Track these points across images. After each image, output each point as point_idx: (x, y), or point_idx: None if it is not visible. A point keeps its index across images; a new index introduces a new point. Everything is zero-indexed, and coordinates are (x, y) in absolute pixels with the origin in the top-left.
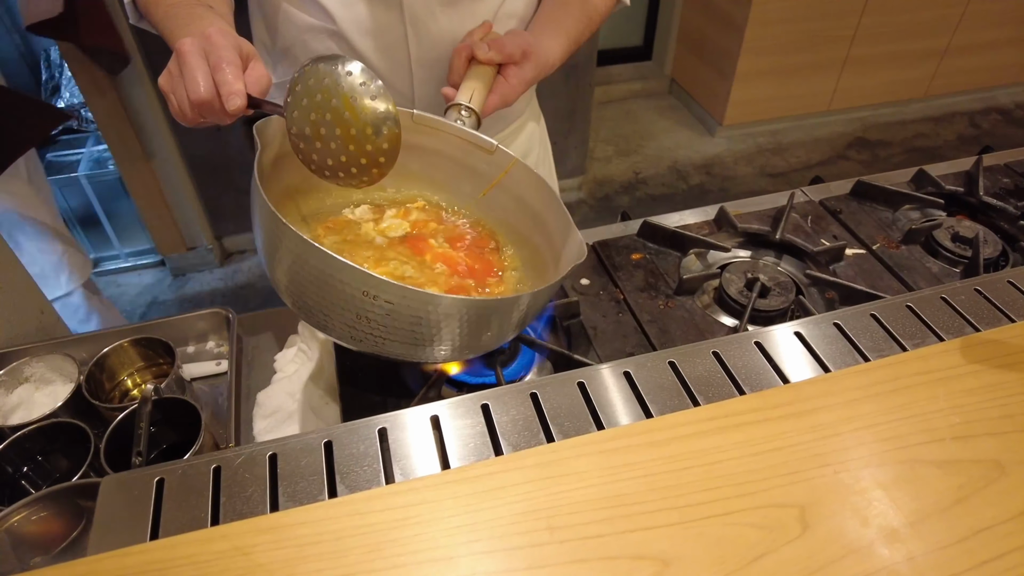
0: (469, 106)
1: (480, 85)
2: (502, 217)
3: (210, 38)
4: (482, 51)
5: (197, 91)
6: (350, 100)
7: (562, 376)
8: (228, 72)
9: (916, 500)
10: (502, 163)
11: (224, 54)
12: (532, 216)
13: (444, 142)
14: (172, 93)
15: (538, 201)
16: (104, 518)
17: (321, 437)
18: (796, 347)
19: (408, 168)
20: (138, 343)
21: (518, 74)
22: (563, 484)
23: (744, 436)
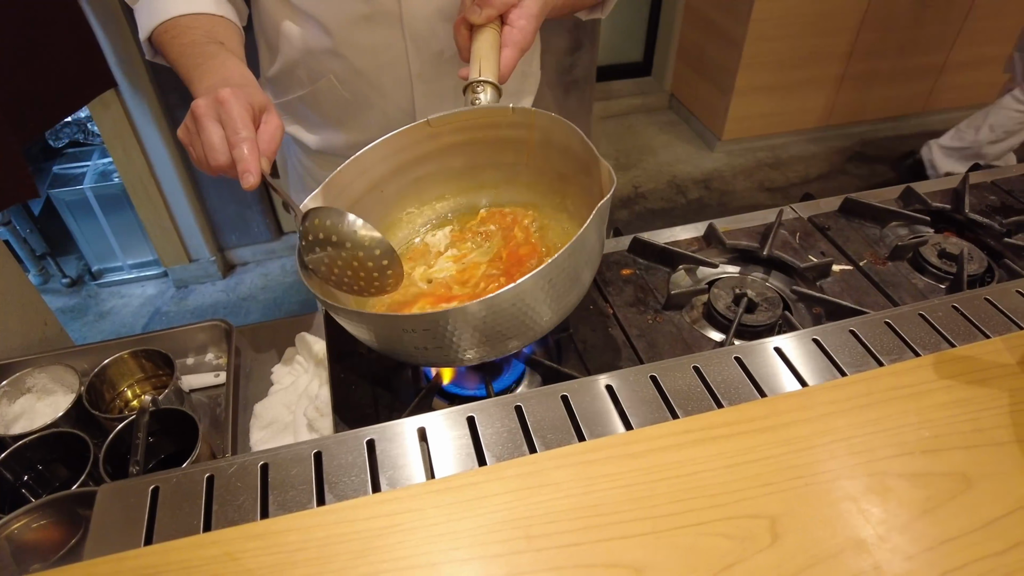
0: (482, 80)
1: (487, 50)
2: (551, 168)
3: (224, 103)
4: (475, 14)
5: (217, 160)
6: (349, 243)
7: (546, 389)
8: (244, 148)
9: (884, 512)
10: (526, 120)
11: (239, 128)
12: (572, 156)
13: (467, 129)
14: (191, 147)
15: (567, 139)
16: (100, 525)
17: (311, 448)
18: (775, 362)
19: (452, 166)
20: (138, 355)
21: (523, 14)
22: (542, 494)
23: (719, 449)
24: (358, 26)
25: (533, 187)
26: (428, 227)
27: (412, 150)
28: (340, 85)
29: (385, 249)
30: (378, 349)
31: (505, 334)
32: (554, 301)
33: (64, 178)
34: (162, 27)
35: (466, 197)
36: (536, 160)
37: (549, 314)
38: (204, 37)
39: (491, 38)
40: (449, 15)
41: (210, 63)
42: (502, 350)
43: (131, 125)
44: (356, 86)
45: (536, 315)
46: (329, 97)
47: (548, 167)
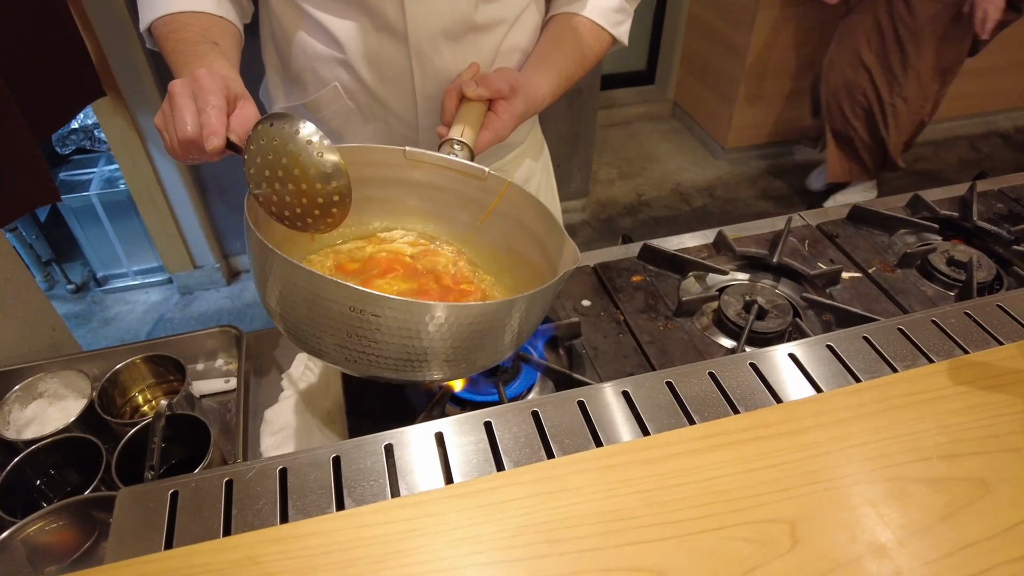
0: (461, 140)
1: (472, 120)
2: (502, 241)
3: (199, 80)
4: (471, 88)
5: (184, 131)
6: (296, 157)
7: (563, 395)
8: (212, 115)
9: (903, 516)
10: (496, 188)
11: (210, 97)
12: (531, 235)
13: (438, 175)
14: (164, 131)
15: (534, 219)
16: (120, 528)
17: (329, 452)
18: (790, 368)
19: (405, 204)
20: (149, 360)
21: (508, 109)
22: (562, 499)
23: (737, 454)
24: (366, 39)
25: (476, 251)
26: (339, 242)
27: (378, 169)
28: (345, 95)
29: (338, 171)
30: (283, 324)
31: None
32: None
33: (70, 184)
34: (161, 20)
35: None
36: (488, 228)
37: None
38: (199, 35)
39: (479, 111)
40: (454, 35)
41: (198, 61)
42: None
43: (137, 132)
44: (360, 97)
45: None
46: (333, 106)
47: (501, 238)
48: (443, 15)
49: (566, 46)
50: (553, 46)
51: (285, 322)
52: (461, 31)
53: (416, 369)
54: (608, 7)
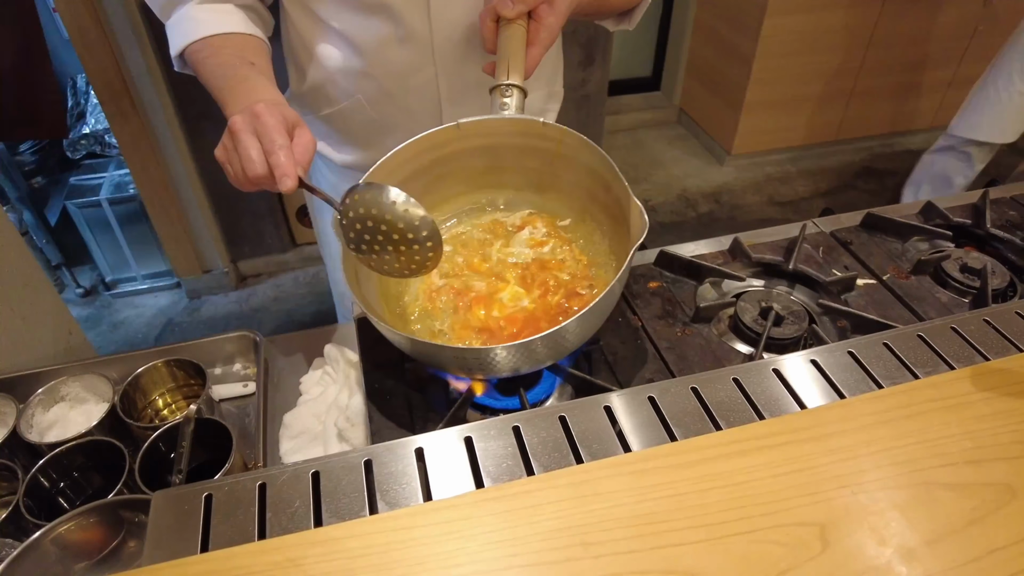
0: (509, 83)
1: (515, 48)
2: (575, 181)
3: (260, 117)
4: (506, 7)
5: (253, 169)
6: (387, 217)
7: (588, 400)
8: (280, 155)
9: (931, 521)
10: (553, 135)
11: (275, 136)
12: (601, 180)
13: (497, 134)
14: (228, 164)
15: (597, 164)
16: (157, 531)
17: (361, 456)
18: (812, 374)
19: (475, 167)
20: (170, 364)
21: (551, 11)
22: (595, 503)
23: (766, 458)
24: (390, 49)
25: (557, 194)
26: (452, 223)
27: (438, 150)
28: (369, 106)
29: (426, 223)
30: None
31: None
32: (585, 333)
33: (80, 189)
34: (194, 46)
35: (484, 195)
36: (560, 171)
37: (578, 341)
38: (235, 58)
39: (518, 35)
40: (479, 42)
41: (242, 86)
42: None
43: (148, 137)
44: (384, 107)
45: (566, 343)
46: (357, 117)
47: (578, 181)
48: (469, 21)
49: None
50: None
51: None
52: None
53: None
54: None
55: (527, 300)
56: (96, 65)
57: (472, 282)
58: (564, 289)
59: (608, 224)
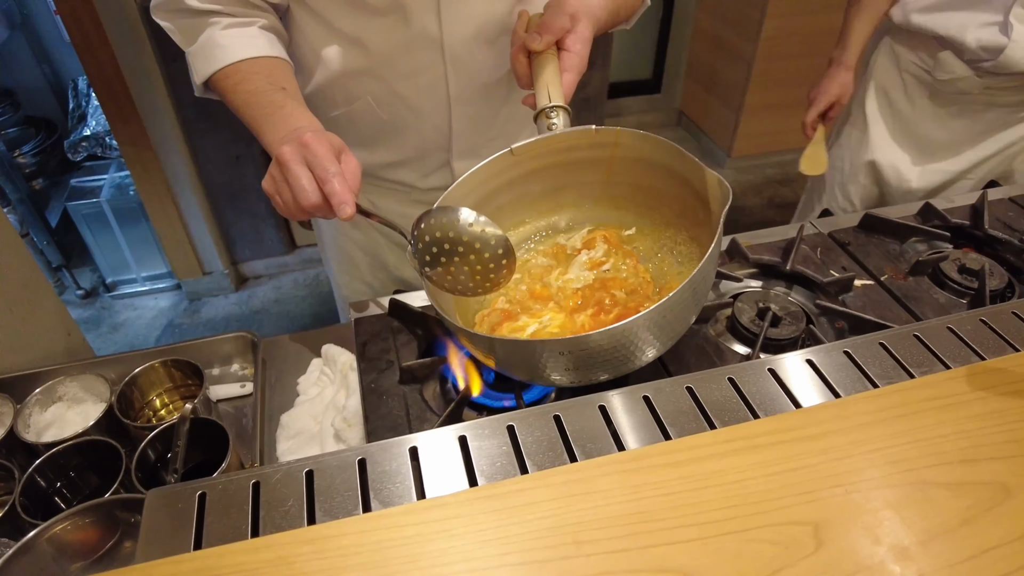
0: (553, 105)
1: (551, 76)
2: (637, 183)
3: (309, 146)
4: (535, 42)
5: (307, 199)
6: (469, 240)
7: (583, 399)
8: (336, 183)
9: (925, 520)
10: (610, 139)
11: (327, 165)
12: (664, 170)
13: (551, 155)
14: (278, 195)
15: (661, 155)
16: (150, 529)
17: (355, 455)
18: (808, 374)
19: (532, 192)
20: (168, 364)
21: (578, 39)
22: (588, 501)
23: (760, 457)
24: (399, 49)
25: (617, 203)
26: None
27: (494, 180)
28: (377, 107)
29: (500, 240)
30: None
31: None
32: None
33: (81, 191)
34: (221, 73)
35: (545, 219)
36: (620, 176)
37: (658, 345)
38: (267, 84)
39: (553, 64)
40: (488, 39)
41: (279, 113)
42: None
43: (149, 139)
44: (394, 108)
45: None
46: (365, 118)
47: (635, 181)
48: (478, 18)
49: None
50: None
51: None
52: (496, 34)
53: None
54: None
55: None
56: (97, 67)
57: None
58: (620, 308)
59: (678, 214)
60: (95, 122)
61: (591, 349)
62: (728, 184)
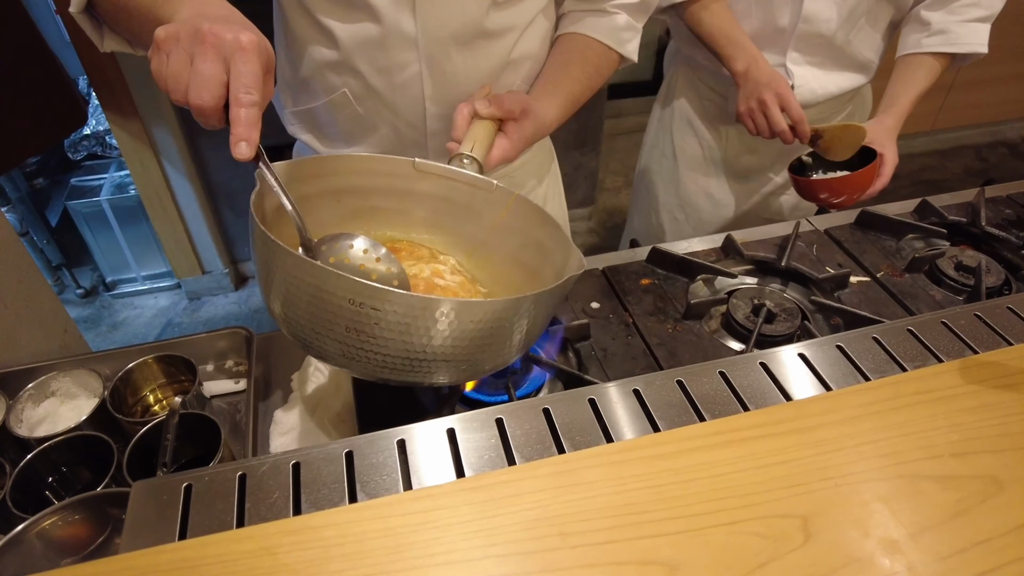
0: (471, 155)
1: (482, 137)
2: (509, 254)
3: (245, 52)
4: (483, 106)
5: (200, 96)
6: (363, 268)
7: (573, 392)
8: (247, 112)
9: (916, 513)
10: (504, 200)
11: (251, 87)
12: (538, 247)
13: (446, 187)
14: (167, 56)
15: (540, 231)
16: (135, 520)
17: (343, 447)
18: (800, 367)
19: (413, 215)
20: (161, 360)
21: (517, 130)
22: (574, 493)
23: (749, 450)
24: (374, 45)
25: (481, 263)
26: None
27: (387, 179)
28: (354, 101)
29: (399, 276)
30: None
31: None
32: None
33: (81, 190)
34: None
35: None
36: (497, 242)
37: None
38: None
39: (489, 130)
40: (464, 40)
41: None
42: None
43: (149, 138)
44: (370, 103)
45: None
46: (343, 111)
47: (508, 251)
48: (454, 21)
49: (573, 69)
50: (560, 69)
51: (288, 323)
52: (471, 37)
53: (418, 370)
54: (615, 26)
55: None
56: (97, 67)
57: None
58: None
59: (527, 288)
60: (95, 121)
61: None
62: (584, 262)
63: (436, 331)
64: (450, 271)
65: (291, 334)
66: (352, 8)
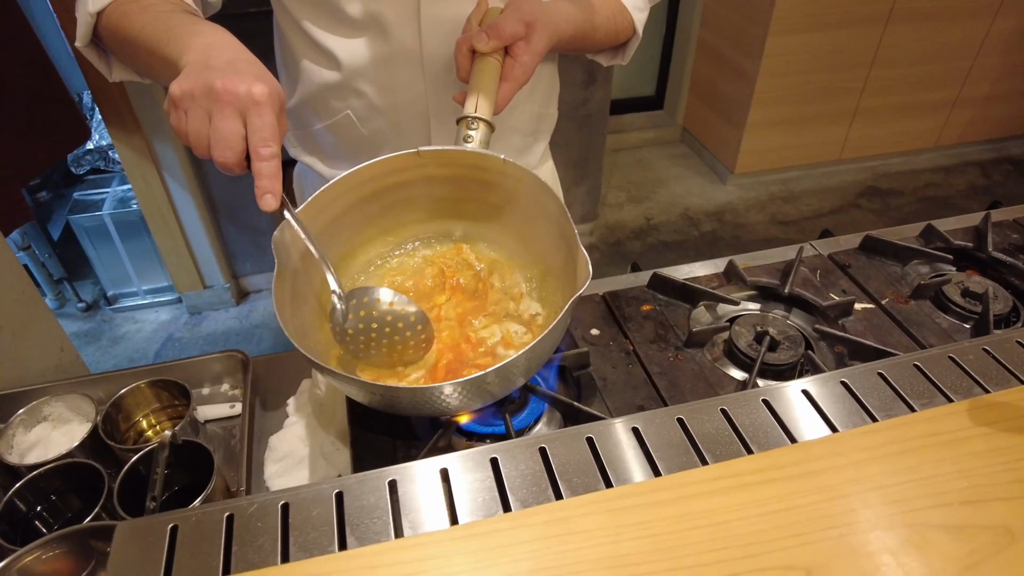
0: (476, 116)
1: (486, 84)
2: (530, 221)
3: (260, 107)
4: (481, 42)
5: (224, 155)
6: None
7: (571, 431)
8: (269, 165)
9: (925, 566)
10: (515, 174)
11: (270, 140)
12: (551, 221)
13: (460, 163)
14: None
15: (551, 208)
16: (118, 563)
17: (332, 488)
18: (803, 405)
19: (433, 194)
20: (155, 384)
21: (528, 49)
22: (570, 542)
23: (751, 496)
24: (378, 65)
25: (511, 234)
26: (401, 251)
27: (398, 175)
28: (358, 122)
29: (420, 318)
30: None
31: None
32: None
33: (84, 204)
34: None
35: (442, 224)
36: (520, 211)
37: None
38: (170, 6)
39: (492, 69)
40: None
41: (198, 27)
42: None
43: (151, 153)
44: (374, 123)
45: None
46: (347, 132)
47: (532, 222)
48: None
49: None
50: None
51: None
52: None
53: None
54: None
55: None
56: (101, 82)
57: None
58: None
59: (560, 272)
60: (99, 136)
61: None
62: (591, 269)
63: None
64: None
65: None
66: (357, 27)
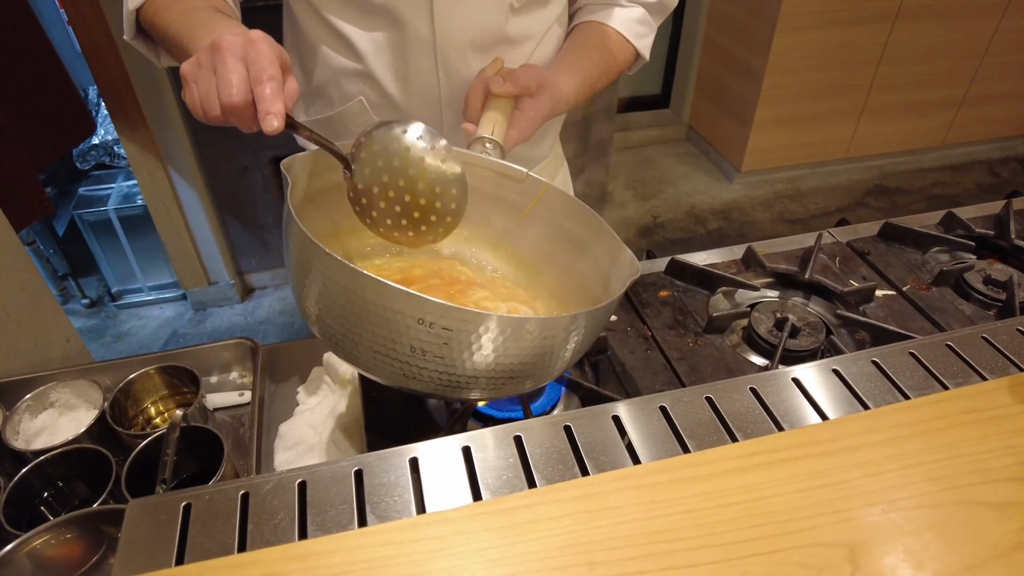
0: (492, 138)
1: (500, 117)
2: (538, 246)
3: (256, 44)
4: (497, 84)
5: (229, 96)
6: (421, 165)
7: (596, 409)
8: (269, 87)
9: (973, 543)
10: (533, 191)
11: (268, 67)
12: (572, 241)
13: (473, 175)
14: (195, 83)
15: (577, 224)
16: (129, 542)
17: (352, 465)
18: (834, 384)
19: None
20: (163, 371)
21: (534, 106)
22: (602, 518)
23: (788, 472)
24: (392, 52)
25: (511, 258)
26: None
27: None
28: (370, 108)
29: (457, 177)
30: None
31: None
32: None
33: (89, 199)
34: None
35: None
36: (528, 232)
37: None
38: (203, 3)
39: (506, 107)
40: (481, 46)
41: (220, 19)
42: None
43: (157, 149)
44: (385, 111)
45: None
46: (358, 119)
47: (538, 243)
48: (473, 27)
49: (591, 52)
50: (579, 51)
51: (331, 334)
52: (490, 43)
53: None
54: (632, 18)
55: None
56: (107, 77)
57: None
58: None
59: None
60: (104, 131)
61: None
62: (639, 265)
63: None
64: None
65: (334, 345)
66: (372, 14)
